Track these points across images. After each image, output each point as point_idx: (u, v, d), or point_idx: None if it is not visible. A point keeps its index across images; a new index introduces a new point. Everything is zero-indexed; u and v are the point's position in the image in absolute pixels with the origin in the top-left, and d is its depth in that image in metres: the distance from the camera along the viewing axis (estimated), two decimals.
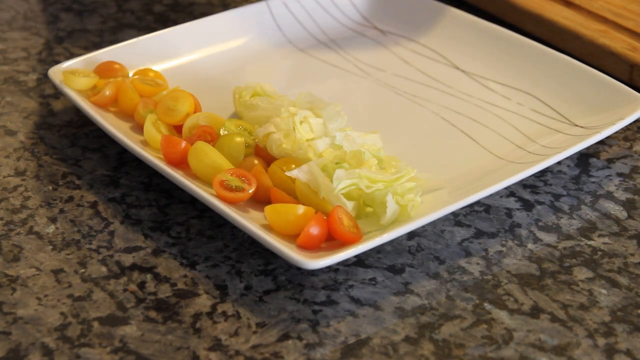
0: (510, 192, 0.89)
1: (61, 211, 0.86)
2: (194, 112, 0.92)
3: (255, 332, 0.73)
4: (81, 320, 0.74)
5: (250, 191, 0.81)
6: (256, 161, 0.86)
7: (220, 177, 0.82)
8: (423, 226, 0.79)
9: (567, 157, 0.90)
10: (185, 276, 0.79)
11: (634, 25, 1.09)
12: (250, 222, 0.77)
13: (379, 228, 0.79)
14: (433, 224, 0.84)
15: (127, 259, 0.80)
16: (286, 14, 1.12)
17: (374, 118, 0.98)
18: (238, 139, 0.87)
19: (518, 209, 0.87)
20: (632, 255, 0.81)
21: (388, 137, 0.91)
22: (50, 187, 0.89)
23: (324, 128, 0.87)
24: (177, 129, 0.92)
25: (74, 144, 0.96)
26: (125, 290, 0.77)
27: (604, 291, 0.78)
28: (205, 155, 0.84)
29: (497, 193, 0.88)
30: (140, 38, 1.05)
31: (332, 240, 0.78)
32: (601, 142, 0.96)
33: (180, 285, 0.78)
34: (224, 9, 1.21)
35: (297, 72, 1.07)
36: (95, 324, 0.74)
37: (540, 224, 0.85)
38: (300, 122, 0.86)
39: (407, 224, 0.78)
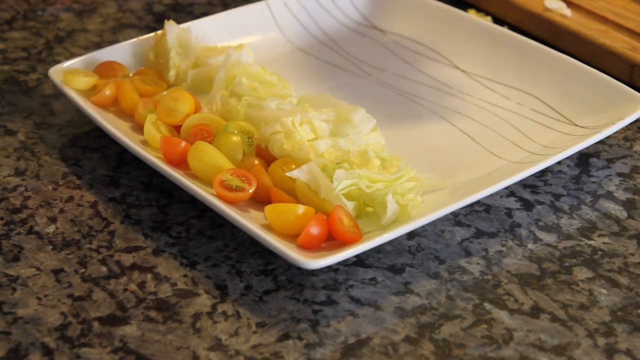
0: (510, 192, 0.89)
1: (61, 211, 0.86)
2: (195, 113, 0.92)
3: (255, 332, 0.73)
4: (81, 320, 0.74)
5: (251, 191, 0.81)
6: (256, 161, 0.86)
7: (220, 177, 0.82)
8: (423, 226, 0.79)
9: (567, 157, 0.90)
10: (185, 276, 0.79)
11: (634, 25, 1.09)
12: (250, 222, 0.77)
13: (379, 228, 0.79)
14: (433, 224, 0.84)
15: (127, 259, 0.80)
16: (286, 14, 1.12)
17: (375, 118, 0.98)
18: (235, 138, 0.87)
19: (518, 209, 0.87)
20: (632, 255, 0.81)
21: (388, 137, 0.91)
22: (50, 187, 0.89)
23: (327, 131, 0.87)
24: (177, 128, 0.92)
25: (74, 144, 0.96)
26: (125, 290, 0.77)
27: (604, 291, 0.78)
28: (206, 154, 0.84)
29: (497, 193, 0.88)
30: (141, 38, 1.05)
31: (332, 240, 0.78)
32: (601, 142, 0.96)
33: (180, 285, 0.78)
34: (224, 9, 1.21)
35: (297, 71, 1.07)
36: (95, 324, 0.74)
37: (540, 223, 0.85)
38: (300, 124, 0.86)
39: (407, 223, 0.78)
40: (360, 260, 0.80)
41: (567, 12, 1.12)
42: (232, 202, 0.81)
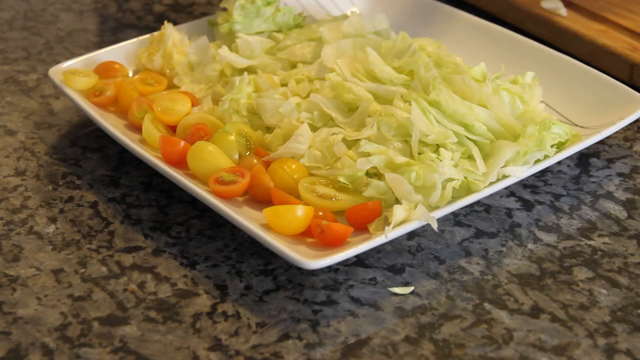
0: (510, 192, 0.89)
1: (61, 211, 0.86)
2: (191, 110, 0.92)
3: (255, 332, 0.73)
4: (81, 320, 0.74)
5: (243, 183, 0.81)
6: (256, 160, 0.86)
7: (216, 175, 0.82)
8: (423, 226, 0.79)
9: (567, 157, 0.90)
10: (185, 276, 0.79)
11: (634, 25, 1.09)
12: (250, 222, 0.77)
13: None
14: None
15: (127, 259, 0.80)
16: None
17: None
18: (231, 137, 0.87)
19: (518, 209, 0.87)
20: (632, 255, 0.81)
21: None
22: (50, 187, 0.89)
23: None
24: (172, 128, 0.92)
25: (74, 144, 0.96)
26: (125, 290, 0.77)
27: (604, 291, 0.78)
28: (208, 153, 0.84)
29: (497, 193, 0.88)
30: (140, 38, 1.05)
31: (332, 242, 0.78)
32: (601, 142, 0.96)
33: (180, 285, 0.78)
34: (223, 10, 1.21)
35: None
36: (95, 324, 0.74)
37: (540, 224, 0.85)
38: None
39: (408, 223, 0.78)
40: (360, 260, 0.80)
41: (563, 11, 1.12)
42: (226, 196, 0.81)
